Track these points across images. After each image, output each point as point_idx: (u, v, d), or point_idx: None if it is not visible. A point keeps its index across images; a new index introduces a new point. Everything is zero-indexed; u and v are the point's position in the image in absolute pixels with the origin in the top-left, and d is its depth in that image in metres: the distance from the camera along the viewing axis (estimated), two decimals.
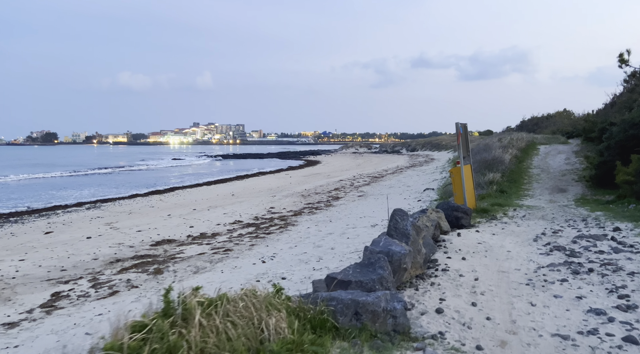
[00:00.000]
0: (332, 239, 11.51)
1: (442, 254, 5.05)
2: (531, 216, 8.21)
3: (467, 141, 8.44)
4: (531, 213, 8.50)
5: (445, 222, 6.21)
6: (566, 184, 12.39)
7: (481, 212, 8.21)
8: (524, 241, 5.98)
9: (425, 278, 4.15)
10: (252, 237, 12.91)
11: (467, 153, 8.40)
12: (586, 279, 4.16)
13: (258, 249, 11.24)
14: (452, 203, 6.91)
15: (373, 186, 26.40)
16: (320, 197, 22.31)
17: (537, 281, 4.16)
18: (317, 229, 13.47)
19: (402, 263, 3.60)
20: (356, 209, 17.15)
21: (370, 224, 13.19)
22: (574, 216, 7.98)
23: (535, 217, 8.02)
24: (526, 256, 5.10)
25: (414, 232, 4.28)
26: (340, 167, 50.92)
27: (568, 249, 5.34)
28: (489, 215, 8.04)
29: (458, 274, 4.30)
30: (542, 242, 5.84)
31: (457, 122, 7.93)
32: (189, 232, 14.19)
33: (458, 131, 7.80)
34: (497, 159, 14.23)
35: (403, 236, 4.12)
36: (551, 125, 53.15)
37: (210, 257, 10.59)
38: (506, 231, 6.57)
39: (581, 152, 18.23)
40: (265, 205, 19.95)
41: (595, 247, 5.45)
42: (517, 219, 7.79)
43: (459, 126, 7.89)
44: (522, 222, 7.40)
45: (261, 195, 24.65)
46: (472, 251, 5.15)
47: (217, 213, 18.01)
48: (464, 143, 8.16)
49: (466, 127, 8.40)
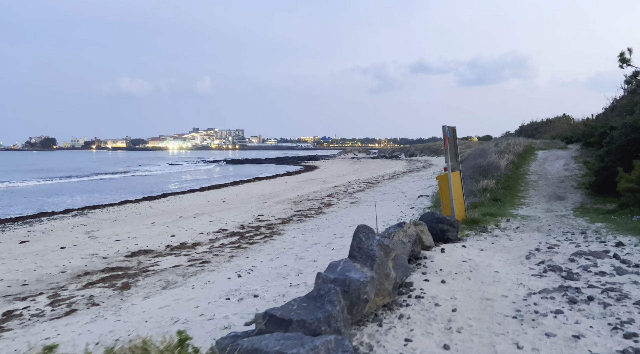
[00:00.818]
0: (316, 250, 10.84)
1: (419, 276, 4.37)
2: (525, 227, 7.56)
3: (456, 146, 7.80)
4: (526, 224, 7.90)
5: (428, 236, 5.54)
6: (564, 192, 11.72)
7: (471, 224, 7.52)
8: (515, 258, 5.31)
9: (394, 308, 3.49)
10: (234, 247, 12.25)
11: (455, 159, 7.75)
12: (585, 310, 3.49)
13: (237, 261, 10.57)
14: (437, 214, 6.23)
15: (367, 192, 25.75)
16: (312, 204, 21.67)
17: (527, 312, 3.49)
18: (303, 238, 12.81)
19: (362, 294, 2.96)
20: (347, 216, 16.50)
21: None
22: (572, 228, 7.29)
23: (530, 229, 7.33)
24: (516, 278, 4.43)
25: (382, 252, 3.63)
26: (338, 172, 50.32)
27: (564, 270, 4.65)
28: (479, 227, 7.35)
29: (434, 303, 3.64)
30: (536, 260, 5.16)
31: (445, 126, 7.27)
32: (169, 241, 13.53)
33: (445, 134, 7.14)
34: (492, 164, 13.57)
35: (367, 258, 3.46)
36: (550, 130, 52.66)
37: (184, 271, 9.92)
38: (496, 246, 5.89)
39: (580, 158, 17.60)
40: (254, 212, 19.31)
41: (596, 266, 4.76)
42: (510, 232, 7.11)
43: (447, 129, 7.23)
44: (515, 236, 6.71)
45: (252, 201, 24.01)
46: (455, 272, 4.49)
47: (202, 221, 17.36)
48: (452, 148, 7.51)
49: (454, 131, 7.76)
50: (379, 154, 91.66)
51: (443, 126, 7.20)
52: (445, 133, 7.16)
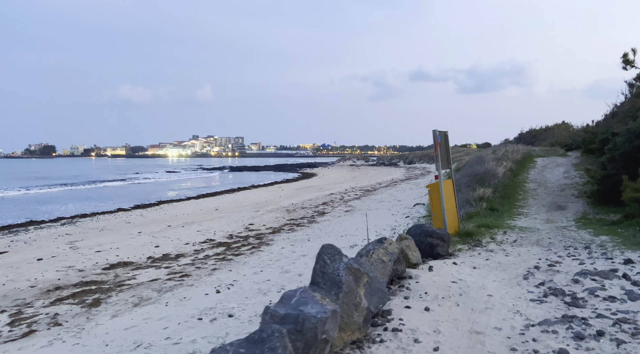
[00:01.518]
0: (303, 263, 10.25)
1: (400, 301, 3.77)
2: (524, 240, 6.97)
3: (448, 152, 7.21)
4: (524, 237, 7.32)
5: (415, 252, 4.95)
6: (565, 201, 11.13)
7: (464, 236, 6.89)
8: (512, 278, 4.71)
9: (365, 346, 2.87)
10: (219, 259, 11.65)
11: (448, 166, 7.16)
12: (595, 350, 2.89)
13: (219, 274, 9.97)
14: (426, 227, 5.63)
15: (363, 200, 25.18)
16: (305, 212, 21.09)
17: (524, 352, 2.90)
18: (292, 249, 12.22)
19: (320, 333, 2.38)
20: (339, 226, 15.92)
21: (350, 245, 11.94)
22: (574, 242, 6.68)
23: (529, 242, 6.72)
24: (512, 304, 3.83)
25: (351, 277, 3.05)
26: (335, 180, 49.81)
27: (568, 294, 4.03)
28: (473, 240, 6.72)
29: (412, 339, 3.05)
30: (535, 281, 4.54)
31: (435, 130, 6.68)
32: (152, 252, 12.93)
33: (436, 140, 6.56)
34: (489, 172, 13.00)
35: (333, 285, 2.89)
36: (549, 137, 52.27)
37: (161, 285, 9.32)
38: (491, 263, 5.28)
39: (581, 165, 17.03)
40: (245, 221, 18.73)
41: (604, 289, 4.16)
42: (507, 246, 6.49)
43: (437, 134, 6.64)
44: (512, 250, 6.10)
45: (245, 209, 23.45)
46: (442, 296, 3.90)
47: (190, 230, 16.77)
48: (443, 154, 6.93)
49: (446, 136, 7.18)
50: (378, 161, 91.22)
51: (433, 131, 6.61)
52: (435, 138, 6.58)
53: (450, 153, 7.28)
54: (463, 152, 58.11)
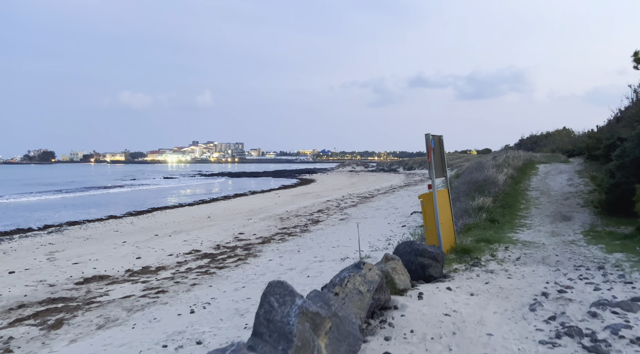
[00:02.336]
0: (288, 278, 9.52)
1: (379, 344, 3.04)
2: (528, 258, 6.17)
3: (443, 158, 6.46)
4: (528, 254, 6.50)
5: (402, 276, 4.24)
6: (570, 210, 10.40)
7: (461, 253, 6.13)
8: (516, 309, 3.97)
9: None
10: (200, 272, 10.92)
11: (442, 174, 6.40)
12: None
13: (198, 290, 9.24)
14: (417, 245, 4.91)
15: (360, 207, 24.47)
16: (299, 220, 20.37)
17: None
18: (280, 262, 11.50)
19: None
20: (332, 235, 15.20)
21: (341, 257, 11.23)
22: (585, 260, 5.91)
23: (534, 260, 5.94)
24: (517, 349, 3.10)
25: (307, 325, 2.34)
26: (334, 186, 49.14)
27: (586, 333, 3.28)
28: (471, 258, 5.95)
29: None
30: (544, 314, 3.80)
31: (428, 134, 5.91)
32: (132, 265, 12.21)
33: (429, 144, 5.82)
34: (489, 179, 12.29)
35: (280, 337, 2.19)
36: (550, 143, 51.70)
37: (133, 303, 8.59)
38: (491, 288, 4.55)
39: (585, 172, 16.33)
40: (235, 230, 18.01)
41: (629, 327, 3.36)
42: (509, 265, 5.68)
43: (430, 138, 5.89)
44: (516, 271, 5.32)
45: (238, 218, 22.74)
46: (431, 336, 3.17)
47: (177, 240, 16.05)
48: (437, 161, 6.18)
49: (441, 141, 6.44)
50: (377, 167, 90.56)
51: (426, 135, 5.87)
52: (428, 143, 5.84)
53: (446, 159, 6.54)
54: (463, 159, 57.45)
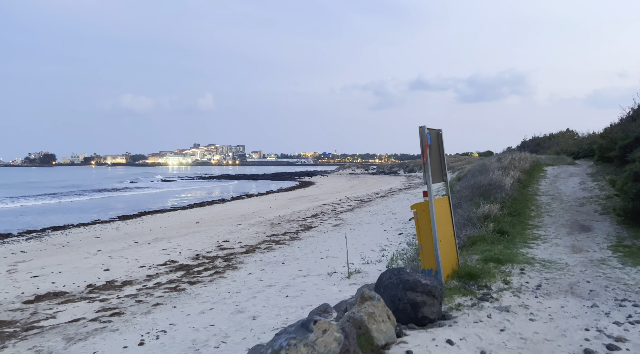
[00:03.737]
0: (264, 298, 8.27)
1: None
2: (551, 286, 4.81)
3: (442, 158, 5.17)
4: (550, 279, 5.13)
5: (384, 324, 2.99)
6: (588, 219, 9.14)
7: (465, 280, 4.77)
8: None
9: None
10: (169, 289, 9.67)
11: (442, 177, 5.11)
12: None
13: (158, 313, 7.99)
14: (407, 275, 3.64)
15: (356, 212, 23.20)
16: (290, 226, 19.13)
17: None
18: (260, 276, 10.24)
19: None
20: (323, 244, 13.93)
21: (327, 272, 9.96)
22: (628, 291, 4.45)
23: (560, 290, 4.61)
24: None
25: None
26: (332, 189, 47.94)
27: None
28: (478, 286, 4.63)
29: None
30: None
31: (423, 126, 4.59)
32: (97, 278, 10.98)
33: (424, 140, 4.53)
34: (495, 183, 11.03)
35: None
36: (554, 145, 50.49)
37: (78, 329, 7.34)
38: (510, 341, 3.21)
39: (598, 175, 15.06)
40: (220, 237, 16.77)
41: None
42: (528, 297, 4.33)
43: (426, 132, 4.61)
44: (539, 308, 3.99)
45: (227, 223, 21.52)
46: None
47: (155, 249, 14.81)
48: (435, 161, 4.90)
49: (440, 137, 5.15)
50: (378, 169, 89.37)
51: (421, 128, 4.58)
52: (423, 138, 4.54)
53: (446, 160, 5.27)
54: (465, 161, 56.16)
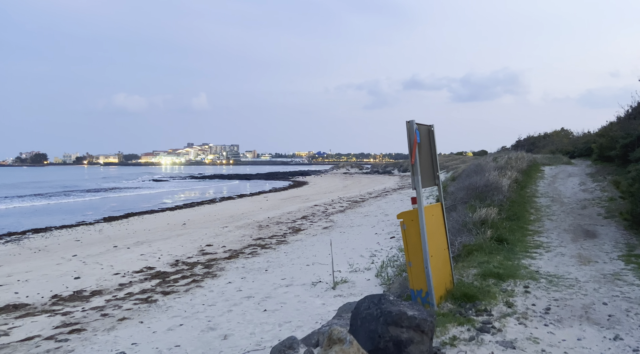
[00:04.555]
0: (240, 312, 7.53)
1: None
2: (562, 309, 4.11)
3: (434, 158, 4.43)
4: (560, 300, 4.40)
5: None
6: (593, 223, 8.47)
7: (461, 302, 4.02)
8: None
9: None
10: (140, 300, 8.91)
11: (433, 181, 4.37)
12: None
13: (122, 329, 7.23)
14: (389, 305, 2.88)
15: (348, 213, 22.49)
16: (278, 228, 18.39)
17: None
18: (239, 286, 9.50)
19: None
20: (310, 249, 13.21)
21: (312, 281, 9.23)
22: None
23: (573, 314, 3.86)
24: None
25: None
26: (326, 189, 47.28)
27: None
28: (476, 311, 3.85)
29: None
30: None
31: (412, 121, 3.86)
32: (65, 287, 10.20)
33: (413, 137, 3.78)
34: (491, 185, 10.36)
35: None
36: (549, 144, 50.13)
37: (30, 349, 6.58)
38: None
39: (598, 175, 14.44)
40: (205, 240, 16.01)
41: None
42: (536, 326, 3.69)
43: (415, 128, 3.89)
44: (550, 341, 3.22)
45: (213, 225, 20.76)
46: None
47: (133, 254, 14.02)
48: (425, 162, 4.16)
49: (431, 133, 4.40)
50: (372, 169, 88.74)
51: (409, 123, 3.84)
52: (412, 134, 3.80)
53: (439, 160, 4.52)
54: (459, 160, 55.62)
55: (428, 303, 3.92)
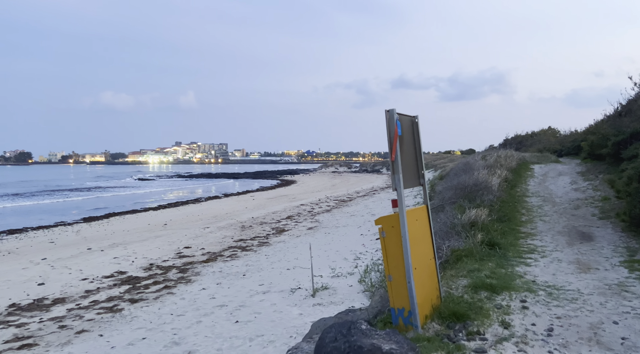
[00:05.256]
0: (210, 324, 6.91)
1: None
2: (567, 331, 3.55)
3: (419, 155, 3.82)
4: (563, 319, 3.80)
5: None
6: (587, 224, 7.99)
7: (450, 321, 3.40)
8: None
9: None
10: (105, 309, 8.25)
11: (417, 180, 3.79)
12: None
13: (78, 344, 6.58)
14: (360, 336, 2.28)
15: (334, 213, 21.94)
16: (262, 229, 17.78)
17: None
18: (213, 292, 8.88)
19: None
20: (293, 251, 12.61)
21: (291, 287, 8.65)
22: None
23: (580, 337, 3.09)
24: None
25: None
26: (314, 188, 46.74)
27: None
28: (467, 334, 3.05)
29: None
30: None
31: (392, 110, 3.32)
32: (26, 295, 9.48)
33: (393, 128, 3.15)
34: (480, 184, 9.86)
35: None
36: (537, 143, 50.19)
37: None
38: None
39: (589, 174, 14.05)
40: (184, 242, 15.33)
41: None
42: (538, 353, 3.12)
43: (396, 118, 3.37)
44: None
45: (196, 225, 20.07)
46: None
47: (107, 257, 13.30)
48: (408, 157, 3.53)
49: (414, 125, 3.79)
50: (361, 168, 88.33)
51: (388, 111, 3.23)
52: (392, 126, 3.19)
53: (423, 157, 3.90)
54: (447, 159, 55.41)
55: (411, 324, 3.35)
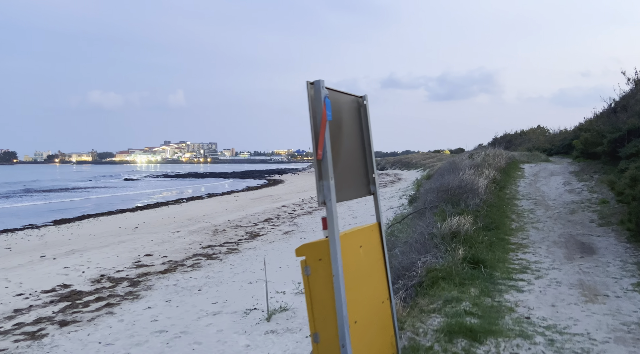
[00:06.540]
0: None
1: None
2: None
3: (368, 149, 2.67)
4: None
5: None
6: (587, 233, 6.95)
7: None
8: None
9: None
10: (26, 335, 7.04)
11: (366, 188, 2.63)
12: None
13: None
14: None
15: (315, 214, 20.83)
16: (235, 233, 16.62)
17: None
18: (158, 312, 7.70)
19: None
20: (261, 260, 11.45)
21: (247, 307, 7.49)
22: None
23: None
24: None
25: None
26: (300, 188, 45.68)
27: None
28: None
29: None
30: None
31: (318, 82, 2.01)
32: None
33: (321, 113, 2.16)
34: (466, 186, 8.79)
35: None
36: (526, 142, 49.69)
37: None
38: None
39: (583, 174, 13.09)
40: (147, 248, 14.12)
41: None
42: None
43: (324, 95, 2.13)
44: None
45: (166, 229, 18.85)
46: None
47: (56, 267, 12.04)
48: (349, 154, 2.37)
49: (362, 108, 2.59)
50: None
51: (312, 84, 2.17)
52: (319, 107, 2.10)
53: (375, 158, 2.68)
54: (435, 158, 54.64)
55: None
